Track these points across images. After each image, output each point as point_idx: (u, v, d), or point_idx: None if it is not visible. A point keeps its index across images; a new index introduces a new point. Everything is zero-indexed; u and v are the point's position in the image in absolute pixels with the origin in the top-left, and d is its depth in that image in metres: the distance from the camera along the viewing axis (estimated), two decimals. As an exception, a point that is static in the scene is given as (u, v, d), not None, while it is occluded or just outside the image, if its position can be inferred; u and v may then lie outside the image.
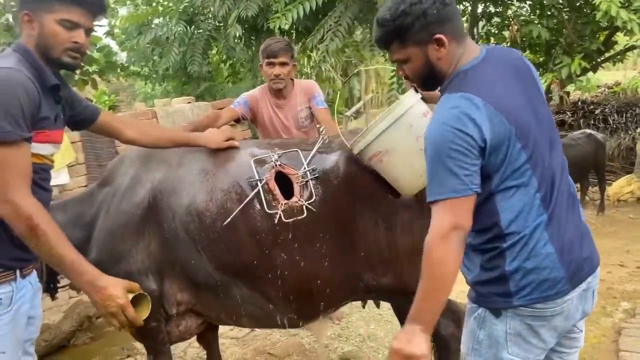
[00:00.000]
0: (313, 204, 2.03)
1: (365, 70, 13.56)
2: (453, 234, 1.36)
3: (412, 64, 1.49)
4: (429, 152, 1.39)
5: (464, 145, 1.34)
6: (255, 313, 2.21)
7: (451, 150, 1.34)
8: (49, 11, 1.56)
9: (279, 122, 3.20)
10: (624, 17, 4.17)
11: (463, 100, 1.37)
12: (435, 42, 1.43)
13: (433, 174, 1.39)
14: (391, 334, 3.50)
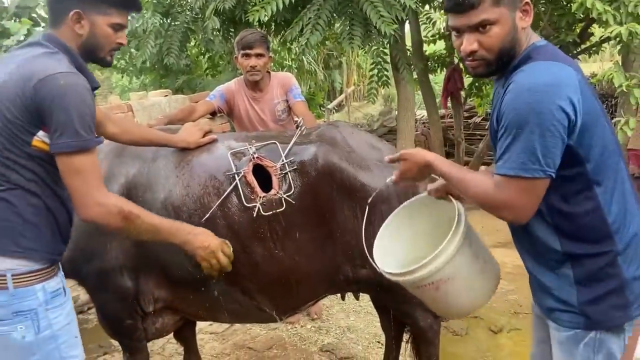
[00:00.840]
0: (292, 196, 2.02)
1: (346, 63, 13.57)
2: (506, 212, 1.31)
3: (499, 28, 1.29)
4: (515, 117, 1.24)
5: (555, 124, 1.21)
6: (234, 308, 2.20)
7: (542, 127, 1.21)
8: (103, 14, 1.60)
9: (255, 115, 3.17)
10: (600, 8, 4.21)
11: (557, 69, 1.26)
12: (524, 8, 1.33)
13: (511, 143, 1.25)
14: (371, 326, 3.52)
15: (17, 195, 1.51)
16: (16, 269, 1.51)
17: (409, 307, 2.30)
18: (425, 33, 6.96)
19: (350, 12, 4.48)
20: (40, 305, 1.55)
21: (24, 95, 1.45)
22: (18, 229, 1.52)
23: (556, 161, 1.24)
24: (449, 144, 8.17)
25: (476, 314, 3.72)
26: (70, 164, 1.50)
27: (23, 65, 1.49)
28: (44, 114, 1.46)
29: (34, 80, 1.45)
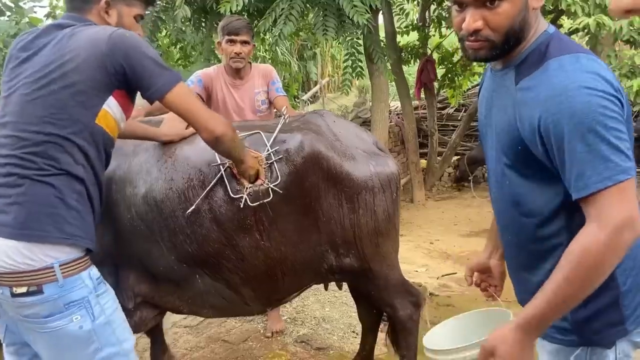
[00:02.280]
0: (279, 186, 1.99)
1: (321, 54, 13.53)
2: (629, 231, 1.05)
3: (510, 5, 1.14)
4: (579, 122, 1.06)
5: (618, 112, 1.07)
6: (218, 303, 2.17)
7: (606, 118, 1.05)
8: (128, 5, 1.68)
9: (233, 102, 3.11)
10: (569, 0, 4.30)
11: (590, 61, 1.12)
12: None
13: (585, 155, 1.06)
14: (346, 316, 3.53)
15: (62, 180, 1.49)
16: (63, 257, 1.47)
17: (389, 295, 2.32)
18: (398, 24, 6.98)
19: (323, 3, 4.45)
20: (90, 292, 1.52)
21: (99, 59, 1.48)
22: (62, 215, 1.48)
23: (631, 158, 1.07)
24: (423, 135, 8.25)
25: (449, 302, 3.78)
26: (182, 97, 1.57)
27: (80, 38, 1.50)
28: (129, 67, 1.50)
29: (103, 41, 1.49)
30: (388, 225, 2.20)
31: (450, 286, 4.20)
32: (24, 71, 1.53)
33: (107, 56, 1.48)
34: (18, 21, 6.52)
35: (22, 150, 1.47)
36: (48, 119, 1.47)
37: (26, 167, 1.46)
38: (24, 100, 1.49)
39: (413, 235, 5.51)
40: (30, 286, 1.44)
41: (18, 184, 1.46)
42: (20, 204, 1.45)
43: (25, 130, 1.48)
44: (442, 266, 4.79)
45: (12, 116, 1.50)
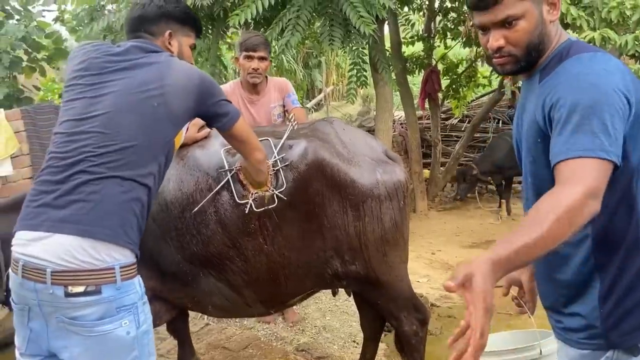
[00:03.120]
0: (284, 193, 2.03)
1: (326, 62, 13.59)
2: (593, 201, 1.09)
3: (526, 23, 1.26)
4: (582, 98, 1.14)
5: (622, 107, 1.15)
6: (223, 303, 2.21)
7: (609, 106, 1.13)
8: (186, 35, 1.87)
9: (250, 117, 3.17)
10: (574, 14, 4.31)
11: (608, 57, 1.22)
12: (552, 1, 1.29)
13: (577, 127, 1.13)
14: (347, 326, 3.53)
15: (134, 186, 1.55)
16: (123, 260, 1.51)
17: (396, 307, 2.32)
18: (404, 34, 7.01)
19: (330, 12, 4.48)
20: (139, 299, 1.56)
21: (193, 92, 1.66)
22: (129, 220, 1.53)
23: (617, 147, 1.14)
24: (426, 145, 8.25)
25: (450, 313, 3.77)
26: (243, 127, 1.83)
27: (177, 69, 1.66)
28: (210, 102, 1.72)
29: (195, 76, 1.69)
30: (395, 233, 2.20)
31: (451, 297, 4.19)
32: (120, 79, 1.61)
33: (200, 88, 1.68)
34: (26, 24, 6.59)
35: (105, 149, 1.51)
36: (141, 128, 1.56)
37: (105, 167, 1.50)
38: (121, 103, 1.56)
39: (415, 245, 5.50)
40: (88, 285, 1.44)
41: (93, 182, 1.48)
42: (92, 202, 1.47)
43: (115, 131, 1.53)
44: (443, 277, 4.77)
45: (104, 113, 1.55)
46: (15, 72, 6.42)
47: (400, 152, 7.95)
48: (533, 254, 1.08)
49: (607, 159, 1.11)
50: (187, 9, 1.91)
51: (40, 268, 1.44)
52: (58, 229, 1.45)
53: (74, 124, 1.56)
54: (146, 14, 1.78)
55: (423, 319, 2.38)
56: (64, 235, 1.44)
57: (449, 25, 7.09)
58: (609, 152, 1.11)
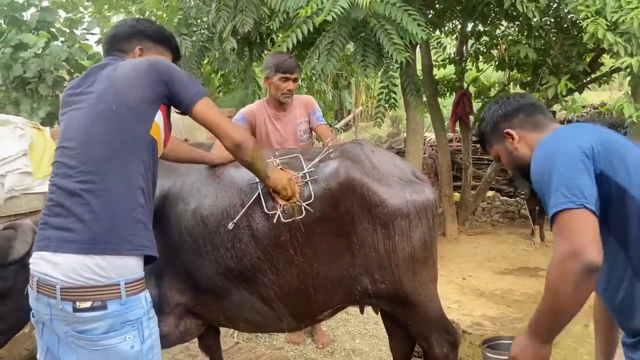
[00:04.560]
0: (311, 205, 2.08)
1: (355, 83, 13.69)
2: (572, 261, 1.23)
3: (503, 157, 1.75)
4: (539, 171, 1.39)
5: (574, 158, 1.34)
6: (255, 317, 2.26)
7: (562, 163, 1.34)
8: (159, 54, 1.90)
9: (277, 134, 3.24)
10: (610, 39, 4.26)
11: (567, 129, 1.52)
12: (507, 137, 1.68)
13: (547, 190, 1.34)
14: (376, 349, 3.50)
15: (127, 192, 1.58)
16: (129, 276, 1.54)
17: (427, 328, 2.31)
18: (435, 57, 7.04)
19: (363, 37, 4.54)
20: (145, 314, 1.58)
21: (144, 77, 1.65)
22: (130, 227, 1.57)
23: (586, 192, 1.28)
24: (457, 168, 8.19)
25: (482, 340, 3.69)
26: (209, 107, 1.74)
27: (123, 66, 1.68)
28: (168, 82, 1.67)
29: (144, 63, 1.68)
30: (425, 252, 2.22)
31: (483, 324, 4.12)
32: (80, 102, 1.67)
33: (150, 73, 1.66)
34: (70, 45, 6.88)
35: (87, 166, 1.57)
36: (110, 135, 1.59)
37: (92, 182, 1.55)
38: (86, 123, 1.62)
39: (445, 269, 5.44)
40: (95, 301, 1.50)
41: (85, 200, 1.54)
42: (88, 220, 1.52)
43: (90, 148, 1.59)
44: (475, 303, 4.70)
45: (75, 137, 1.62)
46: (58, 90, 6.70)
47: (430, 174, 7.92)
48: (559, 324, 1.30)
49: (571, 207, 1.26)
50: (161, 29, 1.95)
51: (51, 284, 1.51)
52: (63, 249, 1.52)
53: (58, 153, 1.67)
54: (119, 33, 1.86)
55: (454, 341, 2.36)
56: (69, 254, 1.51)
57: (481, 48, 7.10)
58: (568, 202, 1.27)
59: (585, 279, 1.21)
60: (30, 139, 3.73)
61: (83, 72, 5.48)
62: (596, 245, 1.22)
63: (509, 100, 1.72)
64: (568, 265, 1.21)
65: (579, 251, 1.21)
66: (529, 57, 5.39)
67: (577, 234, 1.24)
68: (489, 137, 1.77)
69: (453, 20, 7.02)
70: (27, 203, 3.54)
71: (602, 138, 1.39)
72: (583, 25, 4.48)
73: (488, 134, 1.76)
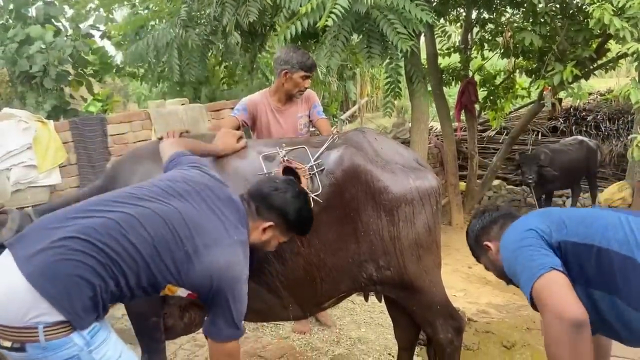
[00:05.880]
0: (319, 196, 2.10)
1: (360, 74, 13.62)
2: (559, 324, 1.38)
3: (490, 269, 1.90)
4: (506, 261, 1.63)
5: (528, 240, 1.59)
6: (261, 306, 2.28)
7: (520, 247, 1.57)
8: (285, 235, 1.92)
9: (277, 126, 3.26)
10: (617, 25, 4.21)
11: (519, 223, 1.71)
12: (487, 249, 1.85)
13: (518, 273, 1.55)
14: (382, 338, 3.51)
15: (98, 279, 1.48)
16: (49, 320, 1.41)
17: (431, 314, 2.32)
18: (440, 46, 6.99)
19: (367, 29, 4.52)
20: (81, 350, 1.46)
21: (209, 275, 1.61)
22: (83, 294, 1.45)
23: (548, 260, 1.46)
24: (462, 157, 8.16)
25: (488, 328, 3.70)
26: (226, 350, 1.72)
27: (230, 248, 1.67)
28: (213, 301, 1.65)
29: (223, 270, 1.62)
30: (429, 238, 2.23)
31: (489, 312, 4.12)
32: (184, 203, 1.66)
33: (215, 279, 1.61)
34: (74, 39, 6.89)
35: (116, 231, 1.51)
36: (157, 247, 1.55)
37: (103, 243, 1.48)
38: (162, 216, 1.59)
39: (451, 258, 5.44)
40: (14, 342, 1.40)
41: (77, 249, 1.46)
42: (59, 260, 1.44)
43: (137, 229, 1.54)
44: (480, 291, 4.70)
45: (141, 210, 1.58)
46: (62, 84, 6.72)
47: (436, 164, 7.90)
48: None
49: (541, 274, 1.41)
50: (304, 218, 1.91)
51: None
52: (19, 261, 1.42)
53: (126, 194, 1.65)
54: (270, 197, 1.84)
55: (458, 326, 2.37)
56: (17, 270, 1.41)
57: (486, 36, 7.03)
58: (537, 272, 1.42)
59: (578, 334, 1.30)
60: (35, 132, 3.76)
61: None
62: (574, 300, 1.35)
63: (484, 215, 1.92)
64: (557, 330, 1.31)
65: (560, 312, 1.32)
66: (535, 44, 5.33)
67: (553, 298, 1.35)
68: (474, 250, 1.95)
69: (457, 8, 6.95)
70: (32, 196, 3.58)
71: (550, 219, 1.59)
72: (589, 11, 4.43)
73: (473, 247, 1.95)
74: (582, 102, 8.52)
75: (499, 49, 6.58)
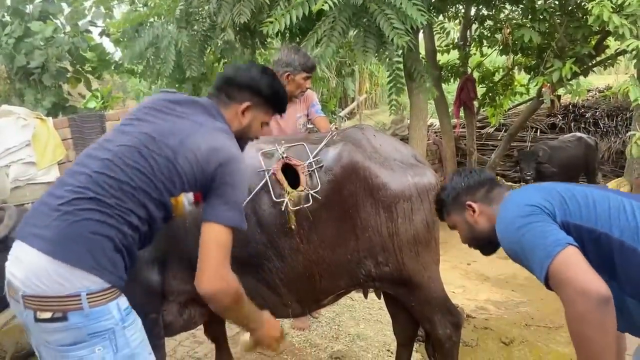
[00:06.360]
0: (319, 193, 2.10)
1: (359, 71, 13.61)
2: (582, 302, 1.27)
3: (459, 230, 1.77)
4: (510, 241, 1.47)
5: (535, 214, 1.44)
6: (261, 304, 2.25)
7: (526, 225, 1.43)
8: (264, 113, 1.83)
9: (277, 126, 3.29)
10: (616, 21, 4.21)
11: (516, 195, 1.57)
12: (468, 208, 1.71)
13: (529, 249, 1.40)
14: (381, 334, 3.52)
15: (119, 220, 1.50)
16: (92, 287, 1.43)
17: (430, 310, 2.33)
18: (439, 43, 6.98)
19: (364, 23, 4.51)
20: (116, 324, 1.48)
21: (206, 163, 1.57)
22: (104, 248, 1.47)
23: (562, 235, 1.37)
24: (461, 154, 8.17)
25: (487, 325, 3.72)
26: (219, 235, 1.58)
27: (207, 137, 1.61)
28: (213, 185, 1.59)
29: (220, 155, 1.59)
30: (427, 234, 2.24)
31: (488, 309, 4.13)
32: (150, 124, 1.62)
33: (212, 166, 1.58)
34: (72, 36, 6.88)
35: (102, 177, 1.50)
36: (143, 171, 1.53)
37: (99, 195, 1.48)
38: (133, 144, 1.57)
39: (449, 255, 5.44)
40: (55, 312, 1.41)
41: (80, 208, 1.46)
42: (68, 224, 1.44)
43: (118, 164, 1.53)
44: (479, 288, 4.72)
45: (113, 150, 1.56)
46: (60, 81, 6.71)
47: (435, 160, 7.91)
48: None
49: (558, 250, 1.31)
50: (278, 90, 1.84)
51: (16, 289, 1.44)
52: (34, 244, 1.44)
53: (97, 146, 1.62)
54: (236, 78, 1.77)
55: (457, 322, 2.38)
56: (36, 251, 1.42)
57: (485, 33, 7.03)
58: (556, 247, 1.32)
59: (605, 311, 1.23)
60: (33, 129, 3.75)
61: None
62: (597, 276, 1.26)
63: (472, 174, 1.78)
64: (582, 307, 1.23)
65: (585, 288, 1.24)
66: (534, 40, 5.33)
67: (576, 275, 1.27)
68: (448, 206, 1.80)
69: (456, 4, 6.95)
70: (31, 193, 3.58)
71: (550, 195, 1.49)
72: (588, 8, 4.43)
73: (448, 203, 1.79)
74: (580, 99, 8.53)
75: (497, 45, 6.59)
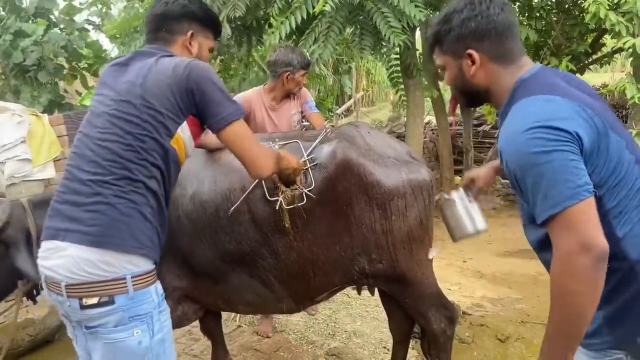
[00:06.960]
0: (313, 191, 2.10)
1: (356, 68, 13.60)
2: (582, 256, 1.14)
3: (447, 73, 1.47)
4: (523, 164, 1.21)
5: (556, 143, 1.18)
6: (254, 299, 2.29)
7: (542, 154, 1.17)
8: (206, 37, 1.81)
9: (271, 123, 3.31)
10: (613, 19, 4.23)
11: (539, 102, 1.25)
12: (468, 57, 1.39)
13: (536, 187, 1.20)
14: (377, 331, 3.53)
15: (139, 191, 1.52)
16: (135, 269, 1.49)
17: (423, 305, 2.33)
18: (436, 40, 6.98)
19: (360, 21, 4.50)
20: (155, 307, 1.53)
21: (176, 82, 1.55)
22: (139, 225, 1.51)
23: (586, 178, 1.18)
24: (458, 152, 8.18)
25: (483, 322, 3.73)
26: (238, 130, 1.63)
27: (163, 66, 1.59)
28: (197, 95, 1.57)
29: (181, 68, 1.56)
30: (421, 231, 2.24)
31: (484, 306, 4.14)
32: (111, 91, 1.61)
33: (182, 80, 1.56)
34: (68, 33, 6.85)
35: (103, 161, 1.52)
36: (130, 134, 1.53)
37: (106, 176, 1.50)
38: (108, 115, 1.56)
39: (445, 252, 5.45)
40: (101, 297, 1.45)
41: (97, 192, 1.49)
42: (98, 212, 1.48)
43: (108, 142, 1.53)
44: (475, 285, 4.72)
45: (97, 129, 1.57)
46: (57, 78, 6.67)
47: (431, 158, 7.93)
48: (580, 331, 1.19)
49: (573, 203, 1.15)
50: (210, 11, 1.84)
51: (56, 281, 1.48)
52: (71, 239, 1.47)
53: (78, 139, 1.63)
54: (169, 11, 1.72)
55: (451, 316, 2.39)
56: (75, 245, 1.46)
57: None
58: (572, 195, 1.15)
59: (601, 270, 1.14)
60: (29, 125, 3.73)
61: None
62: (602, 232, 1.16)
63: (488, 12, 1.36)
64: (579, 261, 1.13)
65: (589, 243, 1.14)
66: (530, 38, 5.34)
67: (586, 226, 1.15)
68: (445, 41, 1.43)
69: (453, 1, 6.94)
70: (27, 190, 3.55)
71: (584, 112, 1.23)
72: (585, 6, 4.44)
73: (448, 41, 1.42)
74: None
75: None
